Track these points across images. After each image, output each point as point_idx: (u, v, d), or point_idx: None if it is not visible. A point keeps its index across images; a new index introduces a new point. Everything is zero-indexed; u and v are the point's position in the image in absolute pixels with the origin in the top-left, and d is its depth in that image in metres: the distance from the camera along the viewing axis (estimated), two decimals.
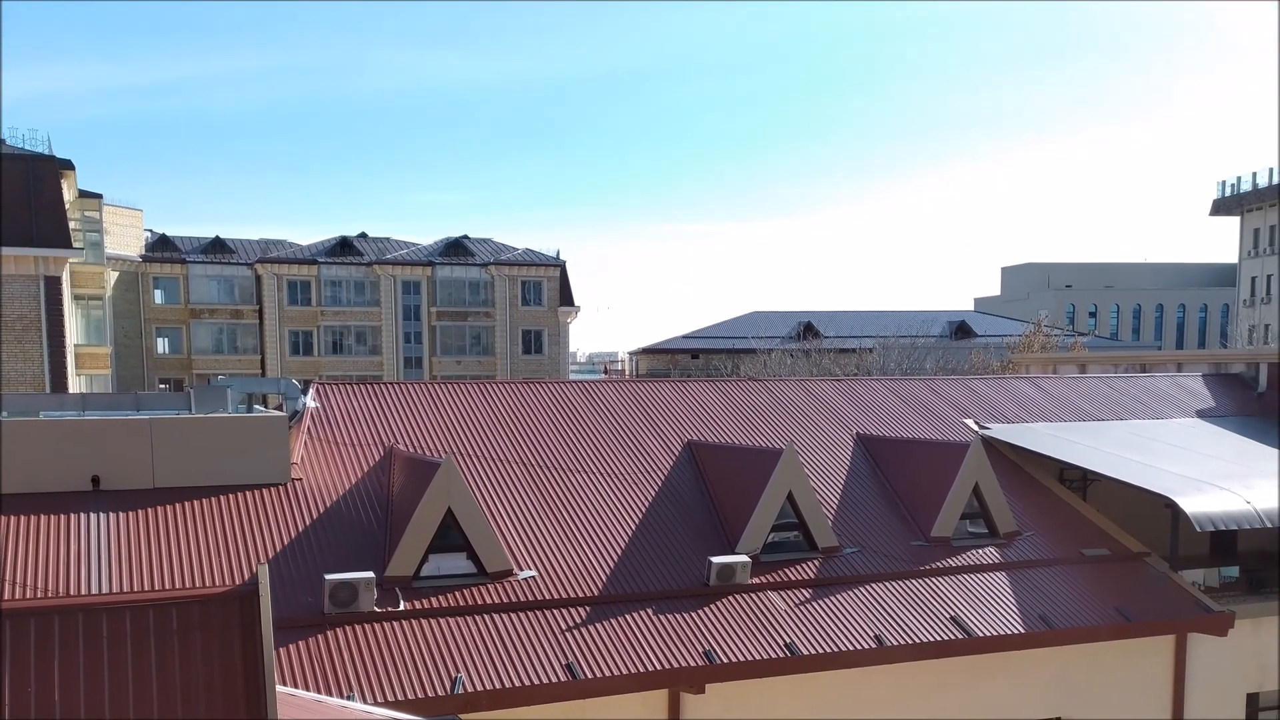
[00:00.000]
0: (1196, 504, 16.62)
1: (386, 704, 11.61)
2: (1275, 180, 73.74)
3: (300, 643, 12.52)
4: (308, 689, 11.66)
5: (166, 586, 12.82)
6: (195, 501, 14.48)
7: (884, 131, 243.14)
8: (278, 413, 16.58)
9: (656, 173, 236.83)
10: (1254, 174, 76.25)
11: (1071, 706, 16.14)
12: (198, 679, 7.36)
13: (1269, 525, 16.97)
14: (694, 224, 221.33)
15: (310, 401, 17.73)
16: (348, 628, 12.90)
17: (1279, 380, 24.63)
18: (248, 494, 14.88)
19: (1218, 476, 17.95)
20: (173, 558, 13.45)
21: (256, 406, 17.82)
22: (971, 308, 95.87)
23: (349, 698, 11.68)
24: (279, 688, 8.32)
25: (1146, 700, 16.54)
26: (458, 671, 12.59)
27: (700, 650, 13.70)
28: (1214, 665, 16.82)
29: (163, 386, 64.52)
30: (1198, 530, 16.62)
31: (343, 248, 71.27)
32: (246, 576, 12.94)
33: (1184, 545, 17.82)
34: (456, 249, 72.82)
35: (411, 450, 16.69)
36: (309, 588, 13.32)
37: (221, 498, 14.69)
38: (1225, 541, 20.22)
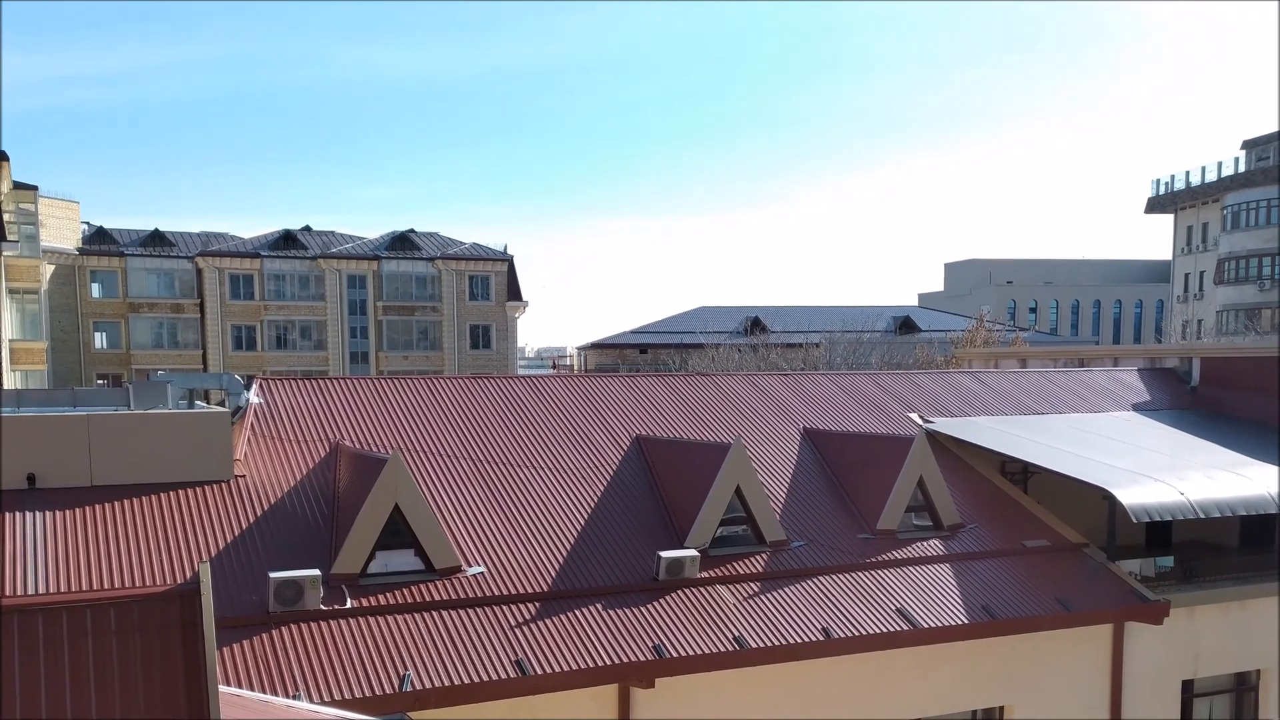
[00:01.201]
0: (1133, 496, 17.00)
1: (334, 703, 11.49)
2: (1208, 179, 75.61)
3: (244, 642, 12.34)
4: (253, 689, 11.50)
5: (105, 587, 12.55)
6: (135, 499, 14.20)
7: (829, 128, 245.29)
8: (220, 409, 16.32)
9: (603, 168, 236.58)
10: (1187, 173, 78.12)
11: (1014, 695, 16.45)
12: (137, 681, 7.21)
13: (1202, 516, 17.42)
14: (641, 219, 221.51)
15: (253, 397, 17.47)
16: (293, 626, 12.73)
17: (1211, 375, 25.29)
18: (189, 491, 14.63)
19: (1153, 469, 18.39)
20: (111, 557, 13.17)
21: (198, 402, 17.53)
22: (916, 303, 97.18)
23: (295, 697, 11.54)
24: (223, 688, 8.20)
25: (1086, 688, 16.91)
26: (406, 669, 12.50)
27: (649, 645, 13.74)
28: (1150, 653, 17.23)
29: (101, 382, 63.18)
30: (1134, 521, 17.00)
31: (286, 241, 70.28)
32: (188, 576, 12.72)
33: (1121, 536, 18.23)
34: (403, 243, 72.17)
35: (358, 446, 16.52)
36: (253, 586, 13.13)
37: (162, 495, 14.42)
38: (1160, 532, 20.71)
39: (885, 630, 14.94)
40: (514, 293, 73.32)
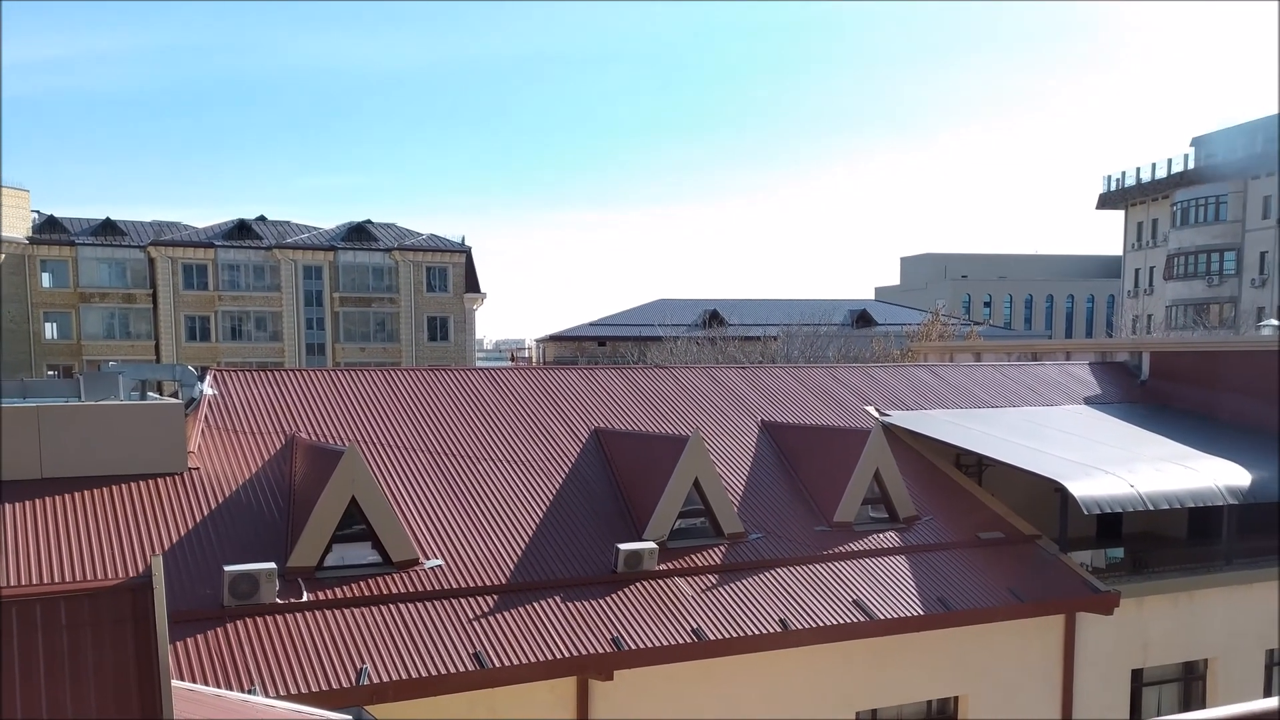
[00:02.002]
0: (1084, 488, 17.27)
1: (290, 697, 11.39)
2: (1157, 176, 76.90)
3: (199, 636, 12.19)
4: (207, 684, 11.35)
5: (55, 580, 12.33)
6: (86, 492, 13.96)
7: (788, 123, 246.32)
8: (173, 400, 16.07)
9: (562, 160, 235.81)
10: (1138, 169, 79.30)
11: (969, 685, 16.67)
12: (88, 676, 7.09)
13: (1151, 508, 17.74)
14: (599, 211, 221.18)
15: (207, 389, 17.23)
16: (248, 620, 12.60)
17: (1161, 369, 25.76)
18: (142, 484, 14.40)
19: (1104, 461, 18.68)
20: (62, 551, 12.94)
21: (151, 394, 17.25)
22: (872, 297, 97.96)
23: (250, 691, 11.41)
24: (176, 683, 8.09)
25: (1039, 677, 17.18)
26: (363, 663, 12.41)
27: (608, 637, 13.76)
28: (1101, 643, 17.54)
29: (51, 373, 62.03)
30: (1085, 513, 17.28)
31: (240, 231, 69.30)
32: (140, 569, 12.54)
33: (1073, 528, 18.53)
34: (359, 233, 71.44)
35: (314, 439, 16.35)
36: (207, 580, 12.97)
37: (114, 488, 14.19)
38: (1111, 524, 21.09)
39: (842, 622, 15.07)
40: (472, 284, 72.90)
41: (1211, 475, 18.65)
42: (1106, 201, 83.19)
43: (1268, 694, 19.02)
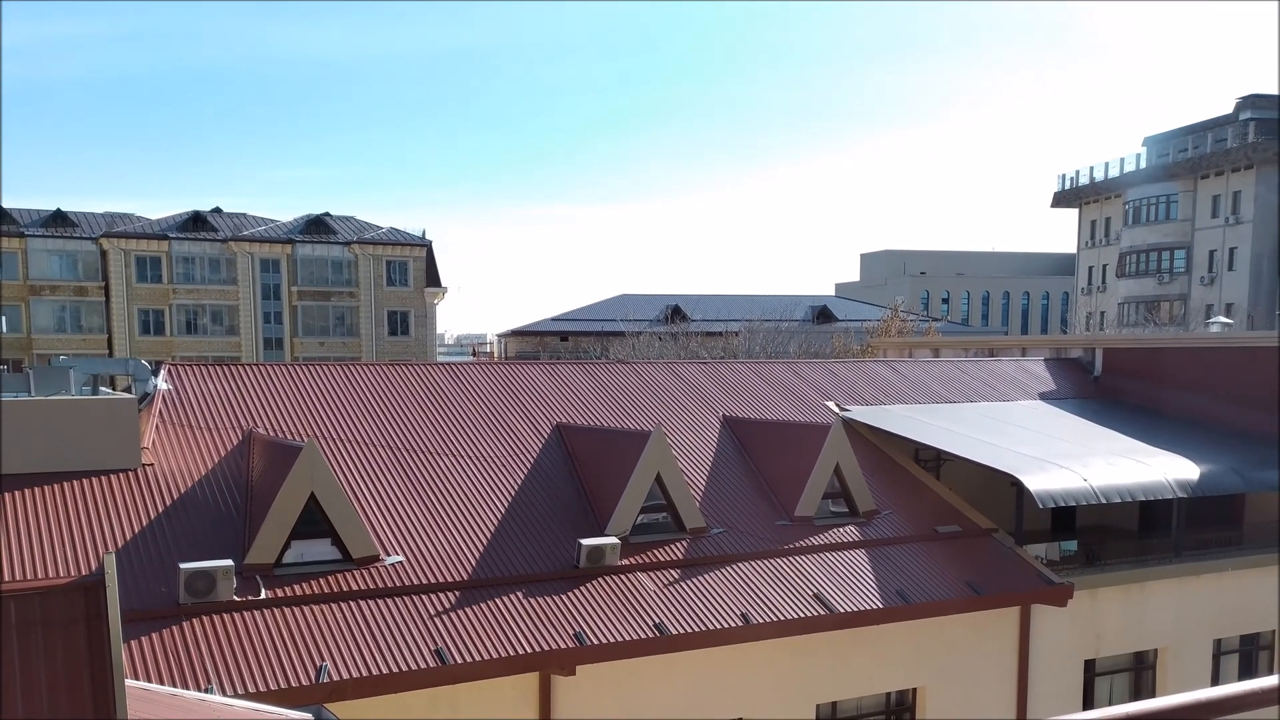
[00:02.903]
0: (1039, 482, 17.51)
1: (248, 696, 11.26)
2: (1110, 175, 78.06)
3: (154, 635, 12.02)
4: (163, 683, 11.19)
5: (5, 579, 12.08)
6: (36, 489, 13.69)
7: (749, 119, 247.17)
8: (126, 395, 15.81)
9: (523, 153, 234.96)
10: (1091, 168, 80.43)
11: (927, 677, 16.86)
12: (39, 676, 6.96)
13: (1104, 501, 18.04)
14: (560, 206, 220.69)
15: (161, 383, 16.97)
16: (205, 618, 12.44)
17: (1113, 365, 26.19)
18: (94, 480, 14.16)
19: (1058, 456, 18.96)
20: (12, 549, 12.69)
21: (103, 388, 16.94)
22: (833, 293, 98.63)
23: (207, 690, 11.27)
24: (131, 683, 7.97)
25: (995, 668, 17.41)
26: (323, 660, 12.30)
27: (570, 632, 13.74)
28: (1055, 634, 17.81)
29: (0, 367, 60.64)
30: (1040, 507, 17.54)
31: (195, 223, 68.21)
32: (93, 567, 12.33)
33: (1028, 521, 18.80)
34: (317, 226, 70.61)
35: (272, 434, 16.17)
36: (163, 578, 12.78)
37: (65, 484, 13.94)
38: (1065, 517, 21.42)
39: (803, 615, 15.17)
40: (433, 279, 72.35)
41: (1162, 469, 18.99)
42: (1061, 200, 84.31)
43: (1215, 683, 19.41)
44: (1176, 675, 19.00)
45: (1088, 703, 18.43)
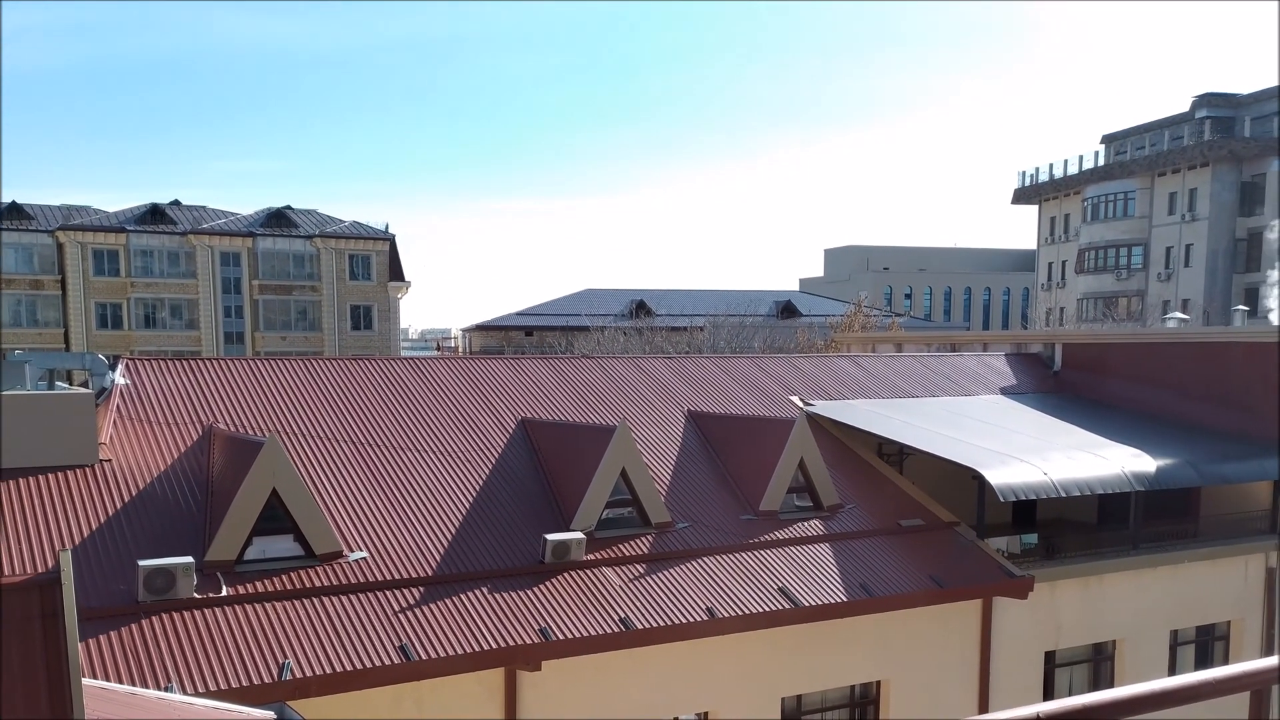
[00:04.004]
0: (1000, 476, 17.70)
1: (209, 694, 11.13)
2: (1069, 172, 79.06)
3: (112, 633, 11.84)
4: (121, 682, 11.04)
5: None
6: None
7: (713, 114, 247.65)
8: (83, 389, 15.56)
9: (486, 147, 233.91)
10: (1050, 166, 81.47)
11: (891, 670, 17.00)
12: None
13: (1063, 495, 18.26)
14: (525, 199, 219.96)
15: (119, 378, 16.71)
16: (165, 616, 12.27)
17: (1072, 360, 26.54)
18: (50, 476, 13.92)
19: (1019, 450, 19.18)
20: None
21: (59, 383, 16.66)
22: (797, 288, 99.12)
23: (167, 689, 11.12)
24: (88, 682, 7.84)
25: (957, 660, 17.59)
26: (285, 657, 12.18)
27: (536, 628, 13.71)
28: (1016, 626, 18.02)
29: None
30: (1001, 500, 17.73)
31: (153, 215, 67.21)
32: (49, 565, 12.12)
33: (989, 514, 19.00)
34: (279, 220, 69.84)
35: (232, 429, 15.98)
36: (121, 575, 12.59)
37: (20, 480, 13.69)
38: (1026, 510, 21.67)
39: (768, 609, 15.24)
40: (396, 273, 71.84)
41: (1120, 462, 19.27)
42: (1021, 196, 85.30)
43: (1172, 673, 19.72)
44: (1134, 666, 19.30)
45: (1048, 694, 18.67)
